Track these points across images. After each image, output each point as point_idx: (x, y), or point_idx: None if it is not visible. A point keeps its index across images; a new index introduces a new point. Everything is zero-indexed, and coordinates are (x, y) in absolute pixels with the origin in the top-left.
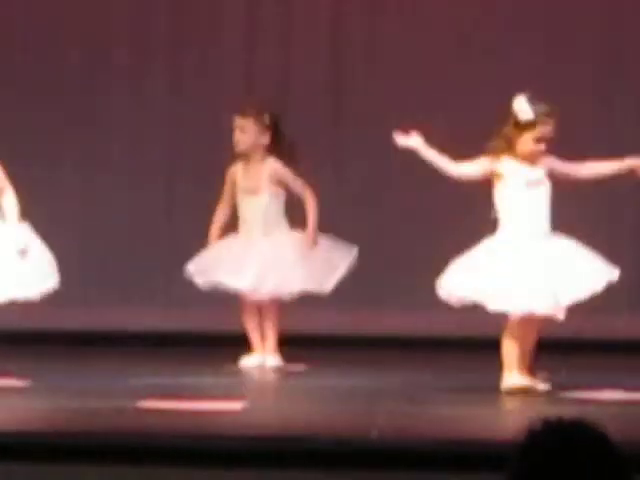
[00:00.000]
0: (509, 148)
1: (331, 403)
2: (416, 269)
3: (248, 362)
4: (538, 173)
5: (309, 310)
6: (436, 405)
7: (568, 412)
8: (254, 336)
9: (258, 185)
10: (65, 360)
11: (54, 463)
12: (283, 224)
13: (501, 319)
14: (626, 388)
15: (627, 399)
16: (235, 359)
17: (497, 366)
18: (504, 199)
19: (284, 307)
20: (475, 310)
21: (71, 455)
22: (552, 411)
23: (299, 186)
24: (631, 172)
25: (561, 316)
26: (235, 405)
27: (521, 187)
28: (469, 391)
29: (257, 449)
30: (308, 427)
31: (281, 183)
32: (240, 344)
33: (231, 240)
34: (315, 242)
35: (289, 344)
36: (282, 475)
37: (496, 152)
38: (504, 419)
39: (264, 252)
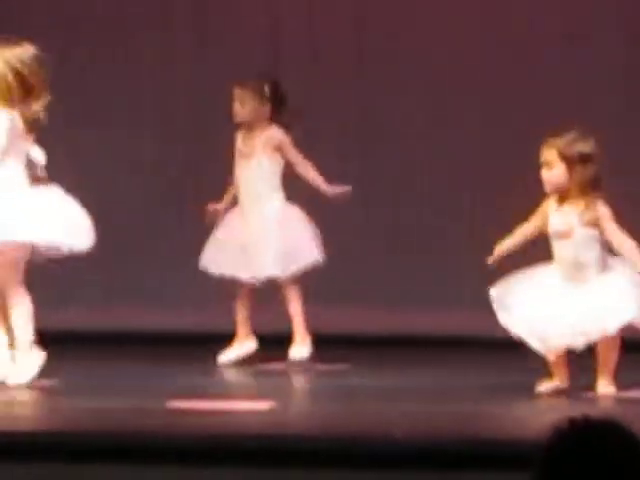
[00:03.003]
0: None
1: (357, 403)
2: (445, 268)
3: (225, 358)
4: (568, 220)
5: (333, 310)
6: (462, 404)
7: (596, 411)
8: (241, 327)
9: (253, 149)
10: (91, 360)
11: (79, 463)
12: (276, 192)
13: None
14: None
15: None
16: (264, 359)
17: (523, 365)
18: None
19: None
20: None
21: (98, 456)
22: (580, 410)
23: (295, 156)
24: None
25: (579, 347)
26: (263, 405)
27: (552, 235)
28: (496, 390)
29: (285, 449)
30: (335, 427)
31: (279, 150)
32: (269, 343)
33: (228, 224)
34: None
35: (315, 344)
36: (310, 474)
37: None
38: (531, 418)
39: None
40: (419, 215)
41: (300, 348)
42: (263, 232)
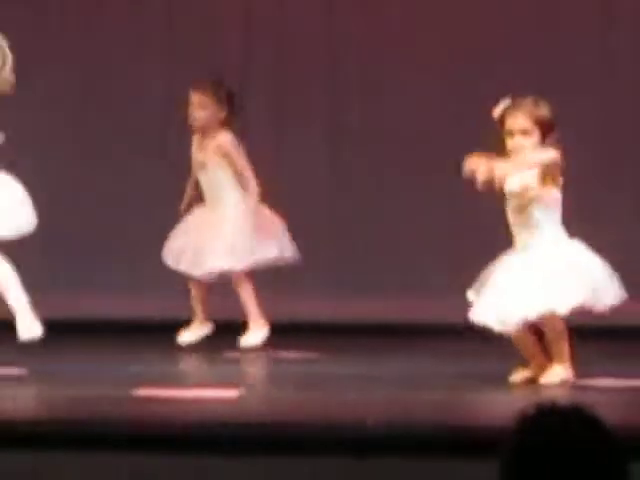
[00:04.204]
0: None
1: (327, 390)
2: (415, 255)
3: (184, 338)
4: (521, 179)
5: (306, 298)
6: (433, 391)
7: (565, 399)
8: (196, 307)
9: (205, 157)
10: (58, 349)
11: (50, 451)
12: (233, 193)
13: None
14: (621, 375)
15: (623, 386)
16: (233, 346)
17: (495, 353)
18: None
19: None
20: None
21: (67, 443)
22: (550, 398)
23: (241, 166)
24: None
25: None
26: (232, 393)
27: (507, 197)
28: (467, 378)
29: (254, 437)
30: (304, 414)
31: (227, 157)
32: (238, 331)
33: (190, 220)
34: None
35: (286, 332)
36: (278, 462)
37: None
38: (502, 405)
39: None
40: (391, 202)
41: (250, 335)
42: (217, 229)
